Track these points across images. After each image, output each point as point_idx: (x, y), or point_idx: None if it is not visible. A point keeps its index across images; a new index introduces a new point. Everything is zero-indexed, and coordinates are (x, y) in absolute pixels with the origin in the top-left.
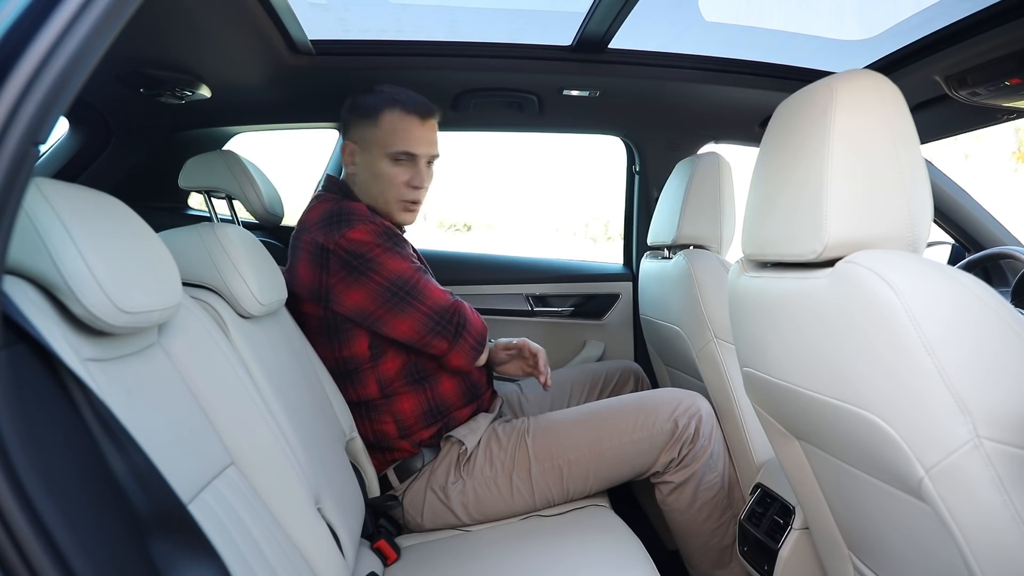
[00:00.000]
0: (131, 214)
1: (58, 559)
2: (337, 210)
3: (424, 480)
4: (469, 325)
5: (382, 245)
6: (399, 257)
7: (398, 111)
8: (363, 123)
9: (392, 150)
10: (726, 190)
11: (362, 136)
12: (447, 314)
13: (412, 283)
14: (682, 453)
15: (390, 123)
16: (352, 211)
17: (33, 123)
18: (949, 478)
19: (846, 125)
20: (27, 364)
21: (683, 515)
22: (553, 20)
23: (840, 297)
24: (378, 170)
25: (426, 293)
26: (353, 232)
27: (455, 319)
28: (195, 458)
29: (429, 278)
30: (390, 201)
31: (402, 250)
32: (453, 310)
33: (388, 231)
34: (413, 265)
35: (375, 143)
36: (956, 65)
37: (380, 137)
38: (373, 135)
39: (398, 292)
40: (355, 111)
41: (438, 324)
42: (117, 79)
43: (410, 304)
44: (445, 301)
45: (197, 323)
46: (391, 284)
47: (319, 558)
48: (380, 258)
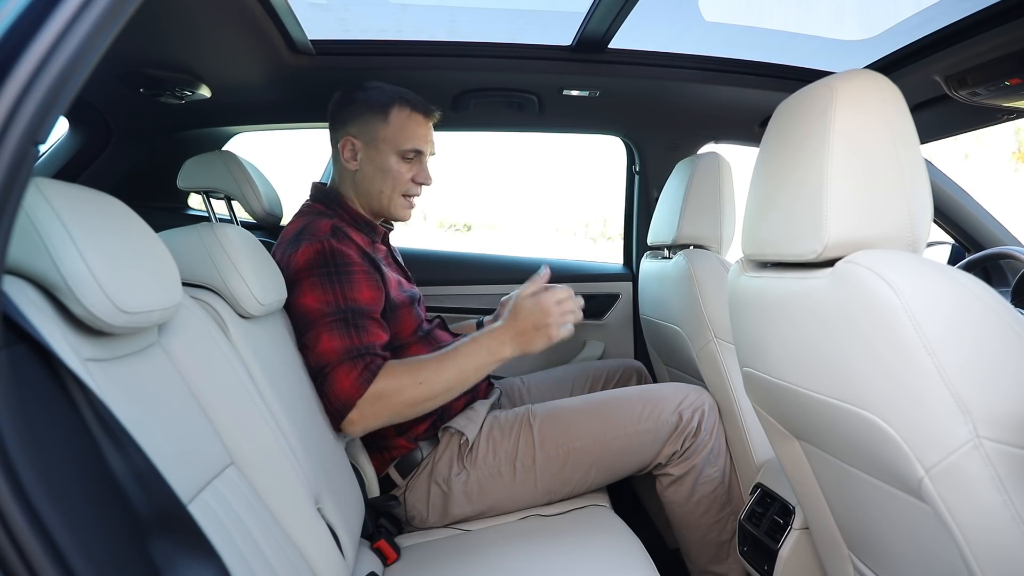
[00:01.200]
0: (131, 214)
1: (58, 559)
2: (299, 229)
3: (427, 473)
4: (328, 390)
5: (309, 273)
6: (317, 291)
7: (407, 108)
8: (370, 119)
9: (403, 147)
10: (726, 190)
11: (368, 132)
12: (316, 369)
13: (309, 326)
14: (684, 446)
15: (399, 120)
16: (309, 231)
17: (33, 123)
18: (949, 478)
19: (846, 125)
20: (27, 364)
21: (681, 508)
22: (553, 20)
23: (840, 297)
24: (386, 167)
25: (315, 341)
26: (295, 255)
27: (320, 378)
28: (195, 458)
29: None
30: (394, 197)
31: (332, 283)
32: (323, 368)
33: (331, 256)
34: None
35: (384, 140)
36: (956, 65)
37: (390, 134)
38: (382, 131)
39: (299, 328)
40: (359, 105)
41: (313, 375)
42: (117, 79)
43: (302, 344)
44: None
45: (197, 323)
46: (295, 318)
47: (319, 558)
48: (299, 287)
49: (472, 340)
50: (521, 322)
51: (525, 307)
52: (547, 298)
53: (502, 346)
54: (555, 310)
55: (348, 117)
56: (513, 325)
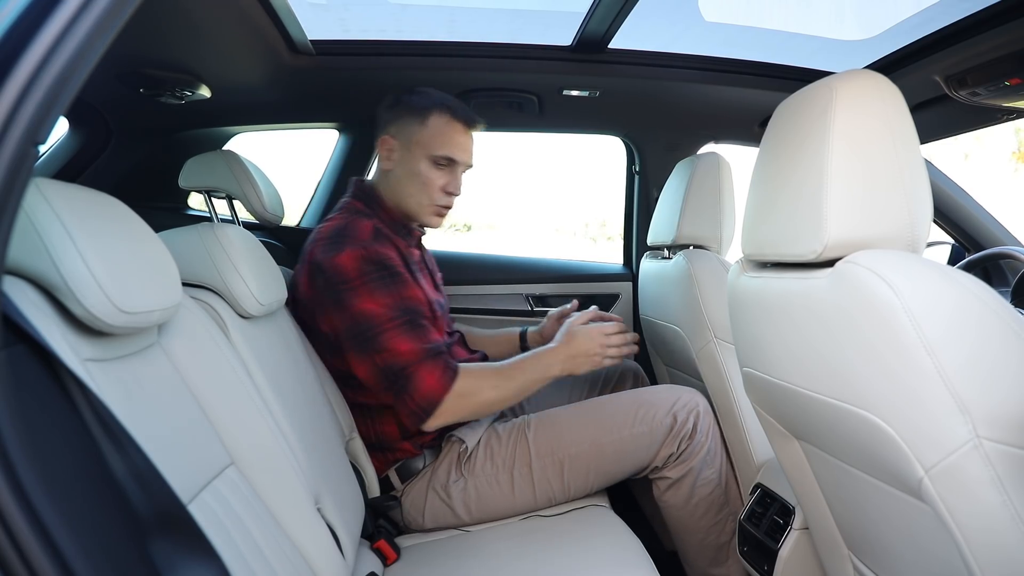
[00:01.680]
0: (131, 214)
1: (57, 559)
2: (343, 227)
3: (426, 480)
4: (413, 390)
5: (362, 279)
6: (377, 296)
7: (447, 115)
8: (409, 121)
9: (436, 153)
10: (726, 190)
11: (405, 134)
12: (394, 370)
13: (376, 331)
14: (680, 448)
15: (437, 126)
16: (352, 232)
17: (33, 123)
18: (949, 478)
19: (846, 125)
20: (27, 364)
21: (680, 511)
22: (553, 20)
23: (840, 297)
24: (417, 170)
25: (385, 344)
26: (339, 258)
27: (400, 379)
28: (195, 458)
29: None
30: (423, 204)
31: (387, 286)
32: (402, 369)
33: (378, 261)
34: (392, 307)
35: (418, 143)
36: (956, 65)
37: (425, 138)
38: (418, 135)
39: (360, 335)
40: (402, 107)
41: (386, 378)
42: (117, 79)
43: (367, 349)
44: (402, 358)
45: (197, 323)
46: (355, 324)
47: (319, 558)
48: (354, 294)
49: (532, 356)
50: (574, 347)
51: (579, 334)
52: (598, 331)
53: (553, 366)
54: (605, 341)
55: (391, 118)
56: (566, 349)
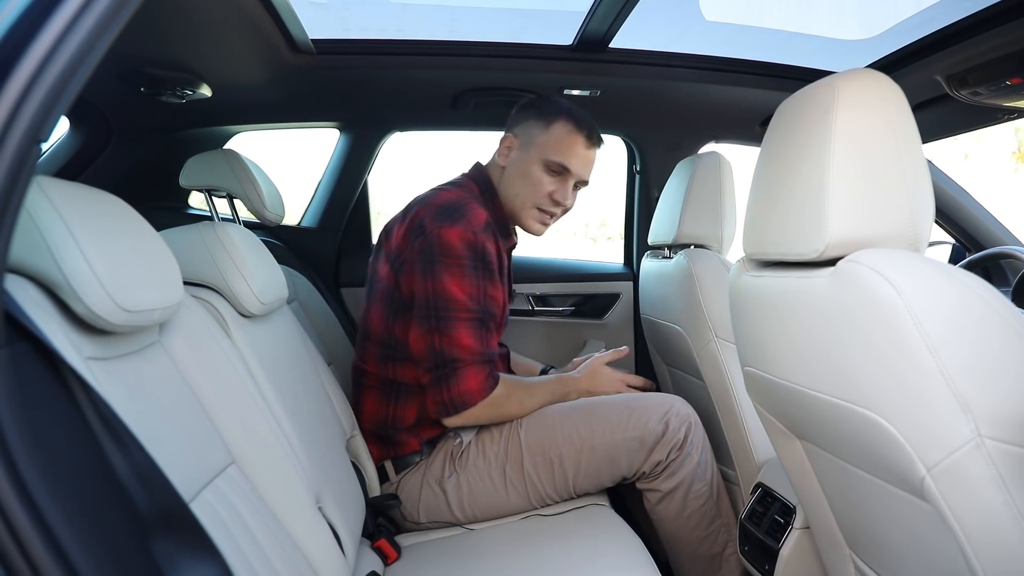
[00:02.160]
0: (132, 213)
1: (60, 557)
2: (460, 204)
3: (420, 474)
4: (454, 384)
5: (460, 260)
6: (466, 282)
7: (571, 124)
8: (533, 122)
9: (550, 158)
10: (727, 189)
11: (527, 134)
12: (446, 358)
13: (449, 313)
14: (670, 457)
15: (559, 132)
16: (467, 214)
17: (35, 122)
18: (951, 477)
19: (848, 124)
20: (29, 362)
21: (672, 524)
22: (554, 19)
23: (842, 296)
24: (529, 171)
25: (450, 330)
26: (448, 231)
27: (447, 368)
28: (196, 457)
29: (471, 323)
30: (527, 206)
31: (478, 277)
32: (454, 360)
33: (480, 251)
34: (474, 299)
35: (537, 145)
36: (957, 65)
37: (544, 141)
38: (538, 137)
39: (432, 310)
40: (530, 110)
41: (435, 360)
42: (118, 78)
43: (430, 327)
44: (459, 351)
45: (198, 322)
46: (434, 298)
47: (320, 557)
48: (446, 270)
49: (555, 380)
50: (595, 384)
51: (603, 375)
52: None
53: (570, 394)
54: (624, 390)
55: (519, 119)
56: (587, 383)
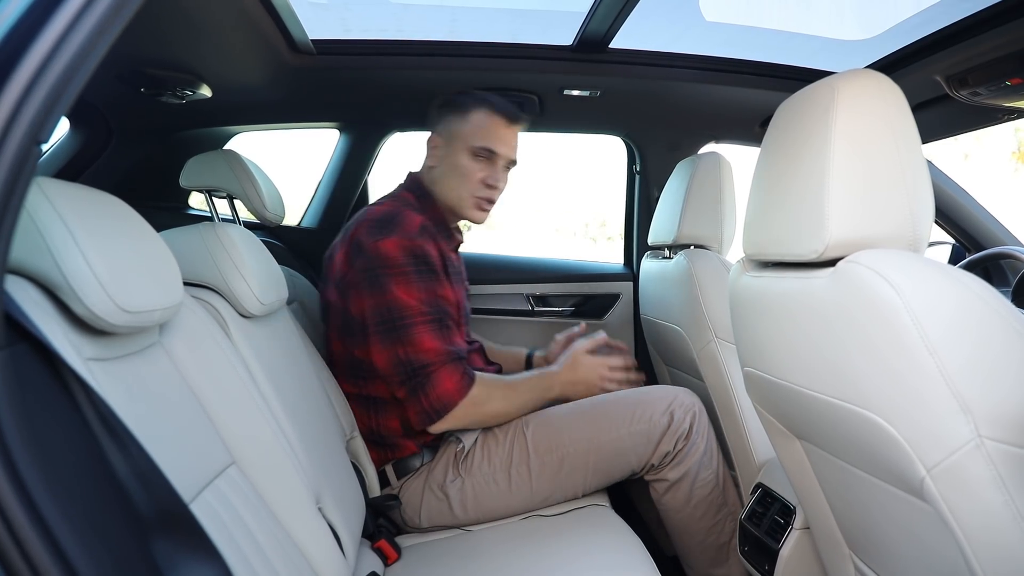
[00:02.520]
0: (132, 214)
1: (60, 558)
2: (393, 214)
3: (422, 479)
4: (430, 389)
5: (403, 268)
6: (413, 288)
7: (487, 110)
8: (452, 118)
9: (475, 145)
10: (727, 190)
11: (448, 130)
12: (415, 366)
13: (405, 321)
14: (677, 447)
15: (477, 120)
16: (401, 222)
17: (35, 122)
18: (951, 478)
19: (847, 125)
20: (29, 363)
21: (679, 514)
22: (554, 20)
23: (841, 296)
24: (458, 163)
25: (411, 337)
26: (385, 243)
27: (419, 376)
28: (196, 457)
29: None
30: (464, 196)
31: (424, 281)
32: (424, 367)
33: (421, 256)
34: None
35: (459, 137)
36: (957, 65)
37: (465, 132)
38: (459, 129)
39: (388, 322)
40: (448, 106)
41: (405, 372)
42: (118, 79)
43: (391, 340)
44: (425, 355)
45: (198, 323)
46: (387, 311)
47: (320, 557)
48: (392, 280)
49: (538, 375)
50: (576, 375)
51: (584, 364)
52: (604, 362)
53: (552, 388)
54: (607, 375)
55: (438, 117)
56: (568, 375)
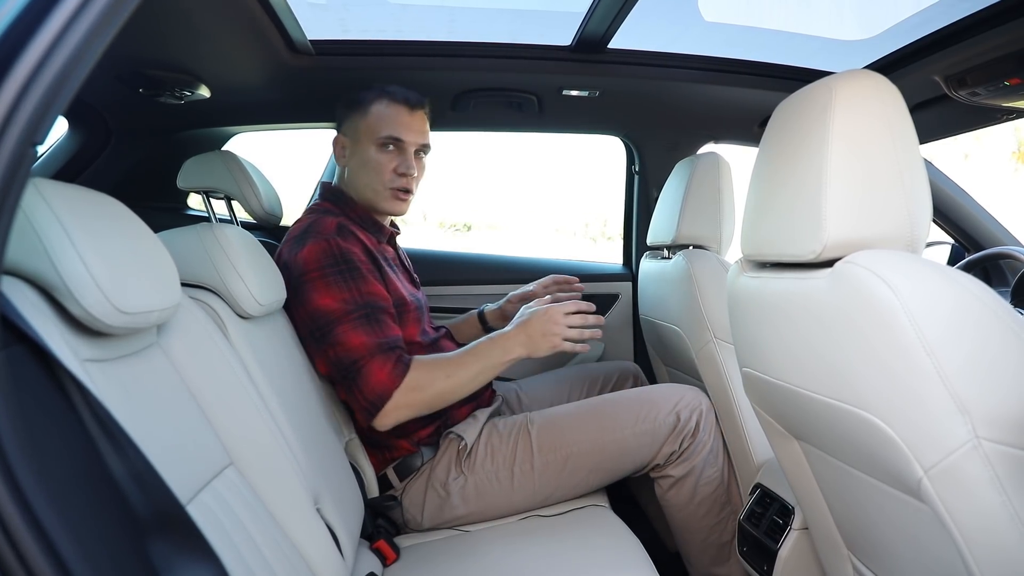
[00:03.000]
0: (130, 214)
1: (55, 560)
2: (308, 225)
3: (424, 478)
4: (363, 383)
5: (320, 271)
6: (333, 290)
7: (385, 100)
8: (353, 115)
9: (379, 136)
10: (725, 190)
11: (352, 128)
12: (345, 364)
13: (329, 325)
14: (683, 447)
15: (377, 111)
16: (314, 228)
17: (31, 124)
18: (948, 478)
19: (845, 125)
20: (25, 365)
21: (682, 511)
22: (553, 20)
23: (839, 297)
24: (366, 158)
25: (337, 338)
26: (302, 252)
27: (350, 373)
28: (194, 458)
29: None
30: (379, 190)
31: (345, 280)
32: (353, 363)
33: (339, 254)
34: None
35: (363, 132)
36: (956, 65)
37: (368, 125)
38: (362, 125)
39: (315, 329)
40: (347, 106)
41: (339, 372)
42: (116, 79)
43: (322, 343)
44: (353, 352)
45: (196, 323)
46: (311, 319)
47: (318, 558)
48: (310, 285)
49: (488, 340)
50: (530, 328)
51: (536, 314)
52: (555, 309)
53: (513, 346)
54: (561, 320)
55: (341, 118)
56: (523, 329)
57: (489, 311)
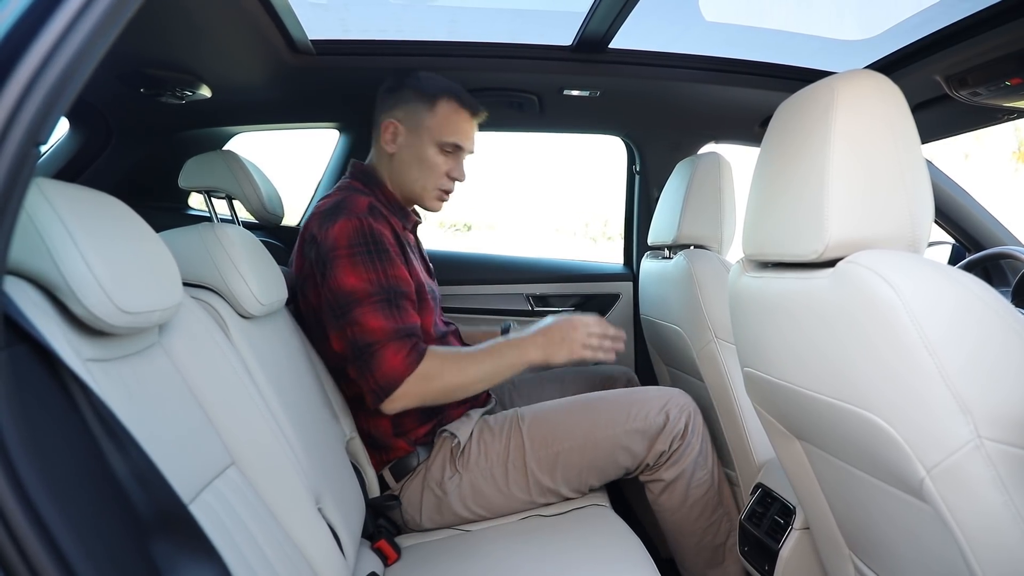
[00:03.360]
0: (131, 214)
1: (59, 559)
2: (340, 201)
3: (420, 478)
4: (376, 367)
5: (351, 250)
6: (360, 269)
7: (455, 103)
8: (417, 105)
9: (444, 140)
10: (726, 190)
11: (413, 118)
12: (360, 345)
13: (351, 305)
14: (672, 447)
15: (446, 112)
16: (348, 205)
17: (34, 124)
18: (950, 478)
19: (847, 125)
20: (28, 364)
21: (675, 514)
22: (553, 20)
23: (841, 297)
24: (424, 156)
25: (358, 318)
26: (334, 228)
27: (365, 355)
28: (196, 458)
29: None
30: (428, 188)
31: (373, 260)
32: (368, 345)
33: (369, 234)
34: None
35: (427, 129)
36: (957, 65)
37: (434, 124)
38: (426, 120)
39: (337, 307)
40: (408, 91)
41: (353, 352)
42: (118, 79)
43: (342, 323)
44: (371, 334)
45: (198, 323)
46: (334, 297)
47: (320, 558)
48: (336, 264)
49: (505, 341)
50: (550, 333)
51: (556, 321)
52: (577, 318)
53: (530, 349)
54: (582, 329)
55: (396, 101)
56: (542, 333)
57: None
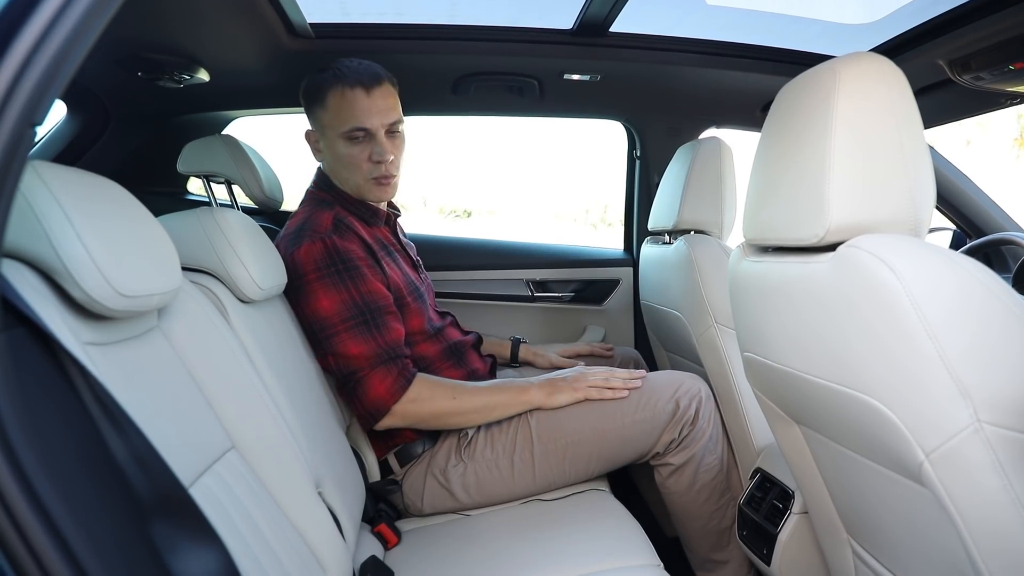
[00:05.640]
0: (130, 198)
1: (59, 541)
2: (305, 220)
3: (424, 465)
4: (362, 395)
5: (318, 273)
6: (331, 292)
7: (339, 88)
8: (315, 108)
9: (344, 129)
10: (727, 175)
11: (318, 121)
12: (345, 373)
13: (327, 332)
14: (682, 434)
15: (335, 103)
16: (311, 226)
17: (30, 104)
18: (949, 462)
19: (849, 109)
20: (27, 348)
21: (682, 497)
22: (554, 3)
23: (841, 281)
24: (339, 153)
25: (336, 347)
26: (298, 252)
27: (351, 383)
28: (195, 442)
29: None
30: (360, 182)
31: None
32: (352, 373)
33: (336, 254)
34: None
35: (329, 127)
36: (960, 49)
37: (330, 120)
38: (324, 119)
39: (315, 333)
40: (306, 97)
41: (341, 378)
42: (115, 63)
43: (323, 349)
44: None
45: (197, 307)
46: (311, 324)
47: (320, 542)
48: (308, 290)
49: (509, 384)
50: (555, 380)
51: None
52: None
53: (532, 391)
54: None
55: (307, 112)
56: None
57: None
